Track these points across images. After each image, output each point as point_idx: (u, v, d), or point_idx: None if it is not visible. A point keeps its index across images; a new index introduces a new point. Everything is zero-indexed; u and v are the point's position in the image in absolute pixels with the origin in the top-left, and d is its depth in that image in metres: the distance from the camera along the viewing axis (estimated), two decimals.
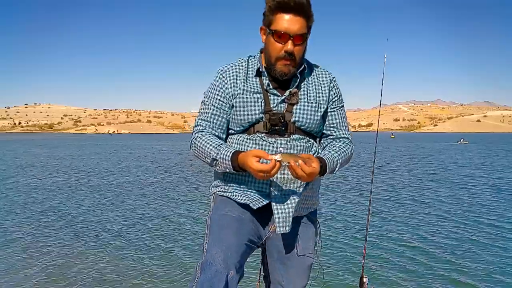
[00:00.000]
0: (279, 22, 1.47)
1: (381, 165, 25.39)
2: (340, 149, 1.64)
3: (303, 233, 1.68)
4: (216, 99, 1.61)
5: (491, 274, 6.77)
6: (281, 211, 1.54)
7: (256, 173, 1.39)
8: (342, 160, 1.62)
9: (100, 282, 6.44)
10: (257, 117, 1.55)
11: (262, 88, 1.58)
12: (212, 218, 1.57)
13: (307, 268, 1.69)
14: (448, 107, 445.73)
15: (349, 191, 15.00)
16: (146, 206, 12.49)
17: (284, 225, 1.54)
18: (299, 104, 1.58)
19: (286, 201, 1.55)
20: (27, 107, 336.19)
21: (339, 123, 1.69)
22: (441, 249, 8.07)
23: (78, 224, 10.08)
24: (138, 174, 21.38)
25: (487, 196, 14.27)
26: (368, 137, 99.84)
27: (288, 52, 1.49)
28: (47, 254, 7.75)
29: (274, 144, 1.54)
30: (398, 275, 6.68)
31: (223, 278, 1.33)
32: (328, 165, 1.53)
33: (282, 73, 1.53)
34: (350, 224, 9.91)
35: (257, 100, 1.56)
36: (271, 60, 1.54)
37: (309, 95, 1.61)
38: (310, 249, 1.70)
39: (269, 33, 1.52)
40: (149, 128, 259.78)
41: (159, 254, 7.80)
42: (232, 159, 1.47)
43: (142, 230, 9.60)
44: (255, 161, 1.39)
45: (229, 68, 1.63)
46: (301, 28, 1.48)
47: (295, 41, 1.49)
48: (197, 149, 1.59)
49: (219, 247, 1.40)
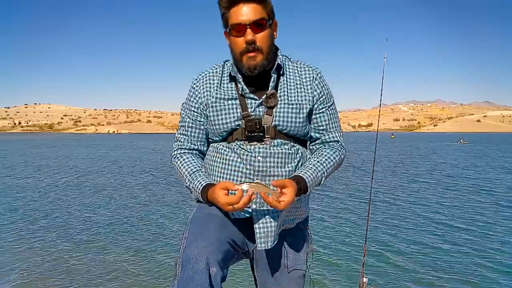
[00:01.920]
0: (233, 15, 1.42)
1: (381, 165, 25.39)
2: (327, 158, 1.52)
3: (292, 244, 1.60)
4: (191, 111, 1.56)
5: (491, 274, 6.77)
6: (262, 225, 1.46)
7: (224, 207, 1.34)
8: (329, 171, 1.51)
9: (82, 281, 6.49)
10: (232, 125, 1.48)
11: (238, 94, 1.49)
12: (195, 215, 1.49)
13: (298, 279, 1.61)
14: (448, 107, 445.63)
15: (349, 191, 14.99)
16: (133, 207, 12.50)
17: (265, 241, 1.46)
18: (278, 106, 1.47)
19: (268, 216, 1.46)
20: (27, 107, 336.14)
21: (328, 125, 1.57)
22: (441, 249, 8.06)
23: (63, 224, 10.10)
24: (129, 175, 21.37)
25: (487, 196, 14.27)
26: (368, 137, 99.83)
27: (249, 42, 1.41)
28: (37, 252, 7.77)
29: (252, 152, 1.45)
30: (398, 275, 6.68)
31: (206, 275, 1.25)
32: (309, 184, 1.43)
33: (249, 67, 1.44)
34: (350, 224, 9.90)
35: (232, 107, 1.49)
36: (237, 57, 1.46)
37: (289, 95, 1.50)
38: (301, 260, 1.61)
39: (228, 31, 1.46)
40: (149, 128, 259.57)
41: (144, 253, 7.85)
42: (202, 192, 1.43)
43: (125, 229, 9.64)
44: (223, 194, 1.33)
45: (203, 77, 1.57)
46: (257, 14, 1.41)
47: (254, 29, 1.41)
48: (175, 170, 1.57)
49: (200, 242, 1.32)
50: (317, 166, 1.48)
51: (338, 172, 1.33)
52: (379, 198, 13.29)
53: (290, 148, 1.49)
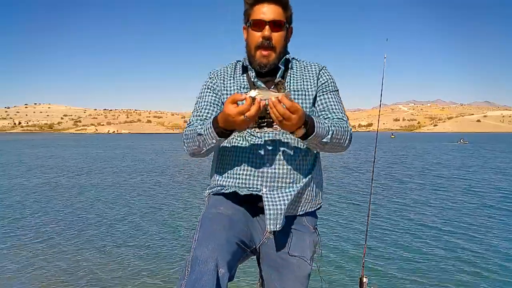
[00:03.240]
0: (256, 12, 1.53)
1: (381, 165, 25.37)
2: (335, 122, 1.54)
3: (299, 241, 1.63)
4: (208, 96, 1.64)
5: (491, 274, 6.77)
6: (272, 206, 1.50)
7: (236, 119, 1.31)
8: (336, 131, 1.50)
9: (92, 281, 6.46)
10: None
11: (249, 82, 1.59)
12: (204, 215, 1.54)
13: (303, 277, 1.62)
14: (448, 107, 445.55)
15: (349, 191, 14.99)
16: (140, 206, 12.48)
17: (275, 222, 1.49)
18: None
19: (278, 197, 1.52)
20: (27, 107, 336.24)
21: (332, 106, 1.61)
22: (441, 249, 8.06)
23: (68, 224, 10.07)
24: (133, 175, 21.36)
25: (488, 196, 14.26)
26: (368, 137, 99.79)
27: (266, 37, 1.51)
28: (37, 252, 7.74)
29: (262, 137, 1.53)
30: (398, 275, 6.67)
31: (214, 275, 1.29)
32: (316, 125, 1.40)
33: (260, 64, 1.54)
34: (350, 224, 9.90)
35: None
36: (252, 51, 1.55)
37: (296, 83, 1.60)
38: (307, 257, 1.63)
39: (248, 25, 1.56)
40: (149, 128, 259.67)
41: (151, 252, 7.84)
42: (214, 123, 1.42)
43: (133, 229, 9.60)
44: (233, 107, 1.32)
45: (218, 70, 1.69)
46: (277, 15, 1.52)
47: (272, 27, 1.51)
48: (187, 138, 1.57)
49: (209, 244, 1.36)
50: (326, 121, 1.51)
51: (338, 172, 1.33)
52: (379, 198, 13.28)
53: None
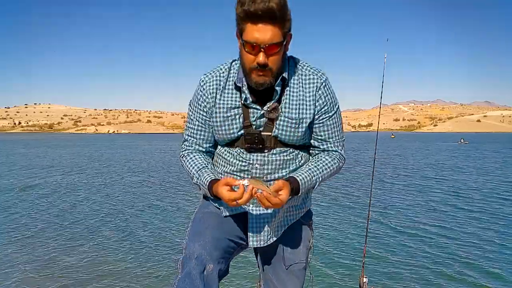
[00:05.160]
0: (248, 32, 1.37)
1: (382, 165, 25.38)
2: (324, 165, 1.55)
3: (293, 236, 1.64)
4: (200, 114, 1.58)
5: (491, 274, 6.78)
6: (256, 225, 1.53)
7: (229, 203, 1.38)
8: (324, 176, 1.55)
9: (88, 281, 6.49)
10: (234, 135, 1.52)
11: (241, 102, 1.51)
12: (195, 216, 1.59)
13: (298, 271, 1.64)
14: (448, 107, 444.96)
15: (349, 191, 15.00)
16: (135, 206, 12.50)
17: (258, 240, 1.54)
18: (279, 119, 1.49)
19: (263, 216, 1.53)
20: (27, 107, 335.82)
21: (329, 136, 1.58)
22: (441, 249, 8.07)
23: (63, 223, 10.09)
24: (131, 174, 21.38)
25: (487, 196, 14.28)
26: (368, 137, 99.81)
27: (260, 64, 1.39)
28: (36, 251, 7.76)
29: (250, 160, 1.51)
30: (398, 275, 6.69)
31: (201, 270, 1.34)
32: (301, 186, 1.47)
33: (257, 84, 1.45)
34: (350, 224, 9.91)
35: (235, 117, 1.51)
36: (246, 70, 1.46)
37: (291, 109, 1.50)
38: (300, 252, 1.65)
39: (241, 43, 1.42)
40: (149, 128, 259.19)
41: (146, 252, 7.87)
42: (209, 188, 1.47)
43: (129, 229, 9.62)
44: (226, 190, 1.37)
45: (210, 79, 1.56)
46: (273, 37, 1.36)
47: (267, 52, 1.38)
48: (184, 169, 1.60)
49: (198, 241, 1.41)
50: (313, 170, 1.52)
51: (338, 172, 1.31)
52: (379, 199, 13.30)
53: (289, 154, 1.53)
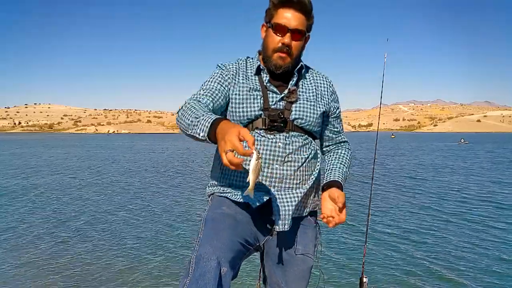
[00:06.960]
0: (280, 16, 1.53)
1: (382, 165, 25.35)
2: (346, 160, 1.76)
3: (302, 235, 1.66)
4: (217, 82, 1.60)
5: (491, 274, 6.76)
6: (282, 208, 1.53)
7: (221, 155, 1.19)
8: (348, 168, 1.75)
9: (95, 280, 6.44)
10: (256, 113, 1.56)
11: (262, 85, 1.59)
12: (207, 216, 1.56)
13: (306, 271, 1.67)
14: (448, 107, 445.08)
15: (349, 191, 14.97)
16: (142, 205, 12.47)
17: (283, 223, 1.53)
18: (298, 102, 1.59)
19: (286, 198, 1.54)
20: (27, 107, 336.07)
21: (341, 127, 1.80)
22: (441, 249, 8.05)
23: (70, 223, 10.07)
24: (136, 174, 21.35)
25: (488, 196, 14.25)
26: (368, 137, 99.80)
27: (285, 44, 1.53)
28: (42, 253, 7.74)
29: (273, 139, 1.54)
30: (398, 276, 6.67)
31: (217, 273, 1.32)
32: (344, 185, 1.64)
33: (277, 65, 1.55)
34: (350, 224, 9.89)
35: (256, 97, 1.57)
36: (268, 53, 1.57)
37: (308, 93, 1.64)
38: (310, 251, 1.68)
39: (269, 26, 1.56)
40: (149, 128, 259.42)
41: (153, 251, 7.80)
42: (213, 123, 1.30)
43: (134, 228, 9.59)
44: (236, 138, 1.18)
45: (230, 64, 1.66)
46: (300, 24, 1.53)
47: (293, 35, 1.53)
48: (185, 110, 1.47)
49: (213, 242, 1.39)
50: (342, 168, 1.70)
51: None
52: (379, 198, 13.28)
53: (305, 139, 1.61)
